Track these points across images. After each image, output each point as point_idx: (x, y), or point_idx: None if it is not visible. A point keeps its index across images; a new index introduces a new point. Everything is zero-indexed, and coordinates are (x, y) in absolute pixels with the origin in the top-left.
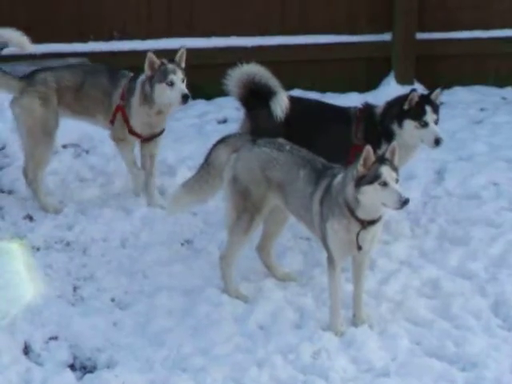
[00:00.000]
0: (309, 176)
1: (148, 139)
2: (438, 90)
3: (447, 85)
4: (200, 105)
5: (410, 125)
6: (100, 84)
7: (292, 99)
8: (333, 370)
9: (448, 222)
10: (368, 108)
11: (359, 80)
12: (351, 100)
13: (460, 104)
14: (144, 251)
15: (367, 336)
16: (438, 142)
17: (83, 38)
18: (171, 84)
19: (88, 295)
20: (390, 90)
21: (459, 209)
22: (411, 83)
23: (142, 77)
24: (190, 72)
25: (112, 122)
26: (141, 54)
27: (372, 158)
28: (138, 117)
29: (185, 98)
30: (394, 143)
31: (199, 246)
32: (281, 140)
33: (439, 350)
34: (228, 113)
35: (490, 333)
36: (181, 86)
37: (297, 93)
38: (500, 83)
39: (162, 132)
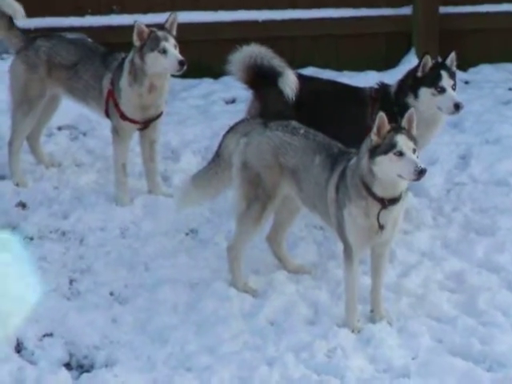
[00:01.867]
0: (324, 162)
1: (145, 125)
2: (452, 54)
3: (473, 62)
4: (206, 84)
5: (425, 93)
6: (92, 67)
7: (304, 79)
8: (349, 369)
9: (473, 210)
10: (383, 88)
11: (378, 57)
12: (369, 79)
13: (487, 83)
14: (145, 242)
15: (386, 333)
16: (457, 106)
17: (80, 12)
18: (164, 51)
19: (85, 289)
20: (410, 67)
21: (485, 196)
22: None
23: (130, 56)
24: (196, 48)
25: (107, 112)
26: None
27: (386, 125)
28: (129, 99)
29: (181, 64)
30: (412, 110)
31: (205, 237)
32: (294, 123)
33: (464, 349)
34: (236, 92)
35: None
36: (175, 52)
37: (311, 71)
38: None
39: (159, 115)
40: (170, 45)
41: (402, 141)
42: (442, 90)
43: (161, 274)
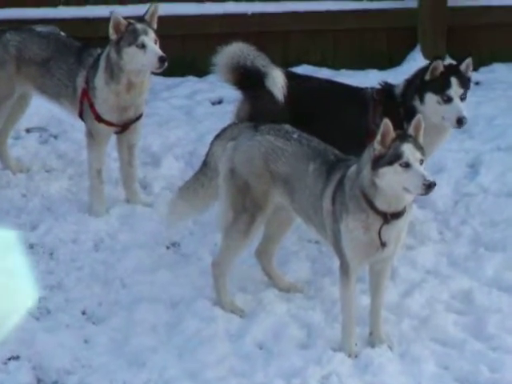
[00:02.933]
0: (319, 170)
1: (123, 128)
2: (468, 60)
3: (485, 61)
4: (190, 82)
5: (431, 99)
6: (66, 64)
7: (298, 78)
8: None
9: (483, 224)
10: (387, 88)
11: (379, 55)
12: (370, 78)
13: (499, 84)
14: (122, 255)
15: (386, 358)
16: (460, 121)
17: (53, 3)
18: (142, 46)
19: (55, 307)
20: (415, 66)
21: (496, 208)
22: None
23: (106, 51)
24: (179, 43)
25: (81, 113)
26: None
27: (391, 133)
28: (105, 99)
29: (161, 61)
30: (419, 116)
31: (188, 251)
32: (287, 127)
33: (471, 376)
34: (224, 92)
35: None
36: (154, 48)
37: (305, 69)
38: None
39: (139, 117)
40: (150, 39)
41: (408, 150)
42: (449, 100)
43: (138, 292)
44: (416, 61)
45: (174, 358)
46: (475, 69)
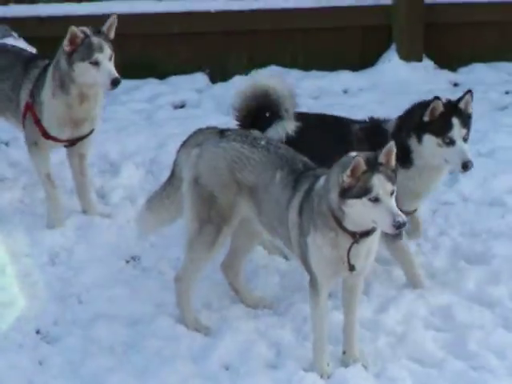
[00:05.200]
0: (286, 179)
1: (71, 143)
2: (467, 96)
3: (464, 61)
4: (151, 85)
5: (430, 141)
6: (9, 75)
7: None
8: None
9: (463, 234)
10: (374, 124)
11: (352, 54)
12: (341, 80)
13: (479, 85)
14: (78, 270)
15: (361, 378)
16: (466, 166)
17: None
18: (96, 63)
19: (7, 326)
20: (391, 67)
21: (478, 218)
22: (418, 59)
23: (55, 59)
24: (138, 43)
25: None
26: (76, 21)
27: (362, 167)
28: (54, 113)
29: (114, 84)
30: (392, 143)
31: (149, 264)
32: (255, 133)
33: None
34: (186, 95)
35: None
36: (108, 67)
37: (274, 70)
38: None
39: (90, 133)
40: (105, 56)
41: (378, 183)
42: (451, 142)
43: (96, 309)
44: (391, 61)
45: (134, 379)
46: (454, 69)
